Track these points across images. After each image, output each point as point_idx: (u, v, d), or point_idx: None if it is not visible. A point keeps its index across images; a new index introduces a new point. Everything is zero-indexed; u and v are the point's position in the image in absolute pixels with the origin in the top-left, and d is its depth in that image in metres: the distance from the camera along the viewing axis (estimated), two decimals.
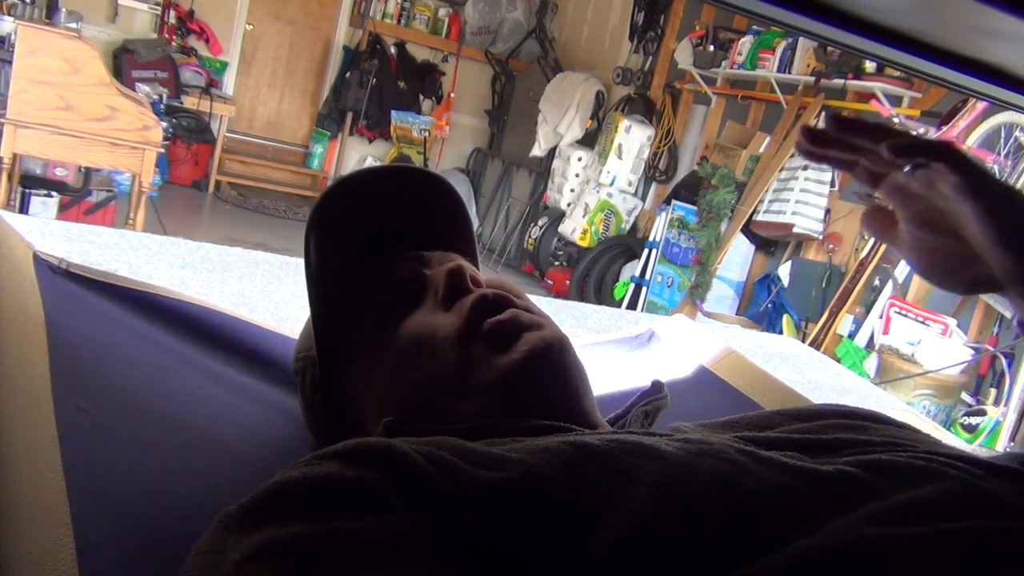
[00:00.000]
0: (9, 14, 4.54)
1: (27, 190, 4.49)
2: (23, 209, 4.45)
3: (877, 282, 4.49)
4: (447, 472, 0.49)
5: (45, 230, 1.65)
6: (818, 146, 0.60)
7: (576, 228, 6.30)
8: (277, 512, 0.47)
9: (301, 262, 0.75)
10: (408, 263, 0.74)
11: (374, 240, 0.76)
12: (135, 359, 0.82)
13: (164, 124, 5.03)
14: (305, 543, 0.44)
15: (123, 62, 6.49)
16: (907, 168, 0.58)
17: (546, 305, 1.95)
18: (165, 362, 0.85)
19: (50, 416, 0.63)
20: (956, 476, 0.51)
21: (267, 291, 1.60)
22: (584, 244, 6.27)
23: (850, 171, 0.61)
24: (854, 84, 4.63)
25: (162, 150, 4.14)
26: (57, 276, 0.87)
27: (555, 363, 0.66)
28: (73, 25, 4.68)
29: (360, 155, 7.84)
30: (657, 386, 0.77)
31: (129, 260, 1.57)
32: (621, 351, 1.26)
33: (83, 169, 4.68)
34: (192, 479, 0.69)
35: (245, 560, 0.44)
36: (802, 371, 1.92)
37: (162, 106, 6.13)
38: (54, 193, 4.61)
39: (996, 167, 3.79)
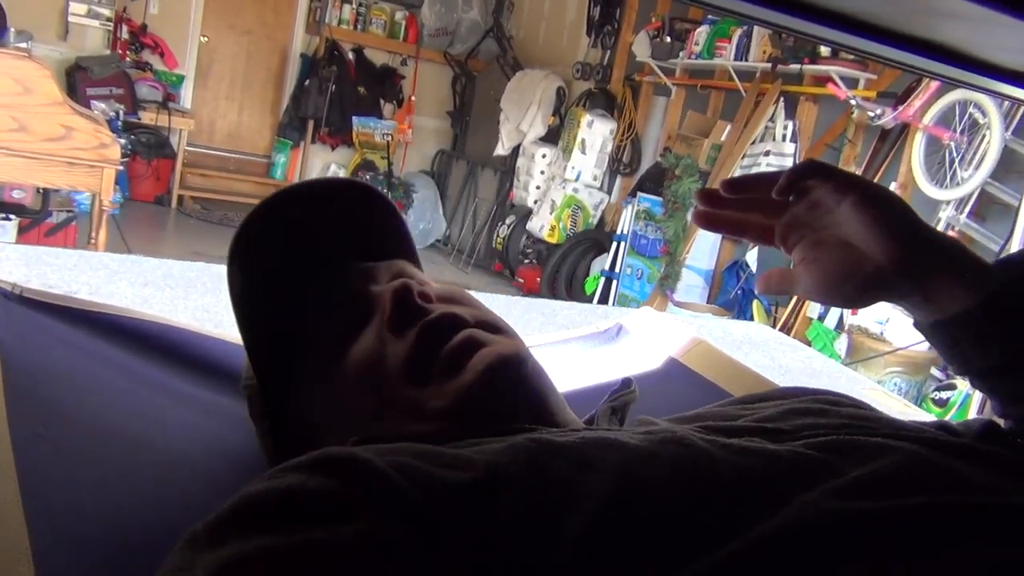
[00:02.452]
0: None
1: None
2: None
3: None
4: (411, 476, 0.49)
5: (2, 255, 1.63)
6: (715, 206, 0.66)
7: (544, 225, 6.30)
8: (242, 527, 0.46)
9: None
10: (352, 279, 0.72)
11: (310, 260, 0.73)
12: (95, 383, 0.80)
13: (122, 141, 4.95)
14: (270, 556, 0.44)
15: (77, 80, 6.39)
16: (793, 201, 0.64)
17: (515, 304, 1.95)
18: (126, 383, 0.84)
19: (6, 445, 0.62)
20: (913, 451, 0.52)
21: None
22: (553, 241, 6.27)
23: (745, 234, 0.68)
24: (810, 68, 4.67)
25: (121, 167, 4.08)
26: (11, 302, 0.86)
27: (509, 377, 0.64)
28: (23, 44, 4.59)
29: (324, 163, 7.79)
30: (626, 382, 0.78)
31: (89, 281, 1.55)
32: (590, 347, 1.26)
33: (41, 190, 4.60)
34: (158, 500, 0.68)
35: None
36: (772, 356, 1.93)
37: (119, 123, 6.03)
38: (12, 216, 4.53)
39: (953, 144, 3.84)
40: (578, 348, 1.25)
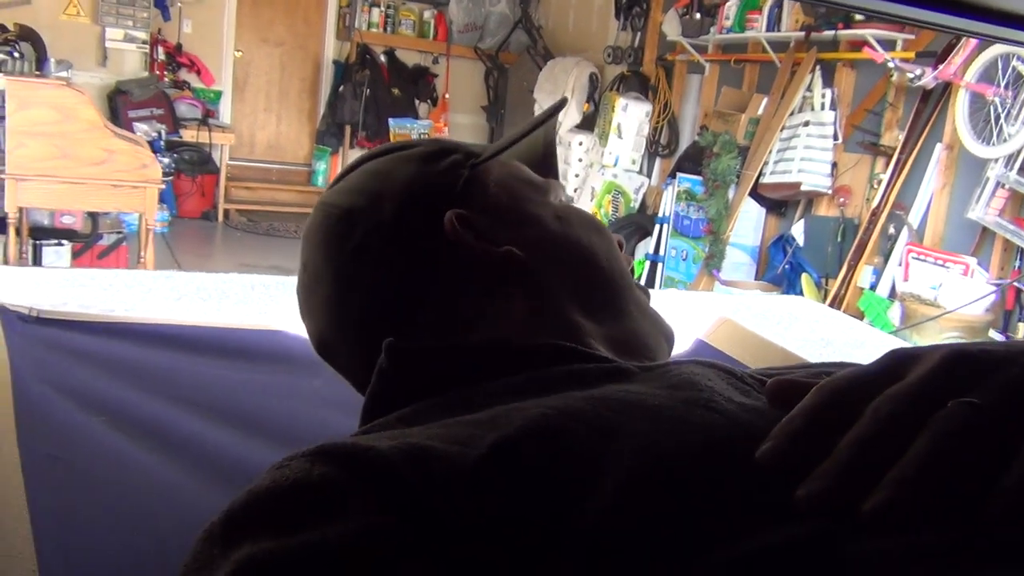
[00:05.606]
0: None
1: (38, 242, 4.53)
2: (36, 261, 4.49)
3: (892, 230, 4.43)
4: (416, 461, 0.47)
5: (40, 279, 1.66)
6: None
7: None
8: (251, 524, 0.46)
9: (295, 280, 0.75)
10: None
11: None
12: (111, 400, 0.81)
13: (165, 160, 5.05)
14: (278, 559, 0.44)
15: (118, 104, 6.54)
16: None
17: None
18: (142, 395, 0.85)
19: (16, 467, 0.63)
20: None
21: (264, 314, 1.60)
22: None
23: None
24: (845, 34, 4.57)
25: (163, 186, 4.17)
26: (29, 324, 0.87)
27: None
28: (64, 73, 4.72)
29: None
30: None
31: (124, 299, 1.57)
32: None
33: (89, 214, 4.71)
34: (171, 520, 0.68)
35: None
36: (814, 328, 1.89)
37: (162, 142, 6.17)
38: (65, 241, 4.65)
39: (998, 99, 3.72)
40: None
